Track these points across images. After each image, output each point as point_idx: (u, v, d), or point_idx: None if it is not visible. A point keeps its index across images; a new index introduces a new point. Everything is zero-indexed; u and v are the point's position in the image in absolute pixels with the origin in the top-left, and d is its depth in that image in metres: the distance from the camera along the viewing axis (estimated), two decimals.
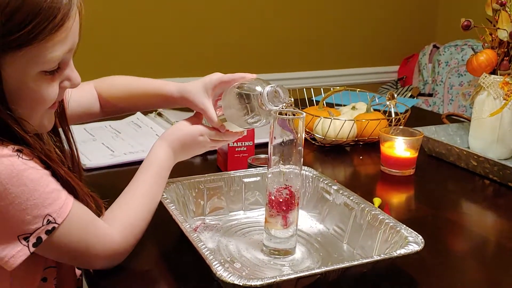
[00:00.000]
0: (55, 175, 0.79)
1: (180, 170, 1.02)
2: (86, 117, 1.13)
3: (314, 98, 1.80)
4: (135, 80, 1.12)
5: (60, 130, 0.91)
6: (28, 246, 0.75)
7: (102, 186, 0.98)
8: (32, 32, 0.71)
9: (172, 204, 0.95)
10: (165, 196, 0.98)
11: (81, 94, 1.09)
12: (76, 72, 0.82)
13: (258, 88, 0.93)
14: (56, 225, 0.76)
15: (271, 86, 0.90)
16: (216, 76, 1.01)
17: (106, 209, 0.89)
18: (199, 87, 1.02)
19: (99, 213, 0.87)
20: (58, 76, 0.79)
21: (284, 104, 0.90)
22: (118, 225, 0.86)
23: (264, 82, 0.94)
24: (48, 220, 0.75)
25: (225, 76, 1.01)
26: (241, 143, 1.26)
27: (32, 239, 0.75)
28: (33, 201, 0.73)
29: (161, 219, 0.98)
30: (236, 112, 0.95)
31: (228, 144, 1.25)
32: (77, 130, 1.53)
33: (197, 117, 1.03)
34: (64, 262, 0.89)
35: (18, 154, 0.74)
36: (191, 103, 1.02)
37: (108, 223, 0.85)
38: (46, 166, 0.78)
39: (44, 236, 0.75)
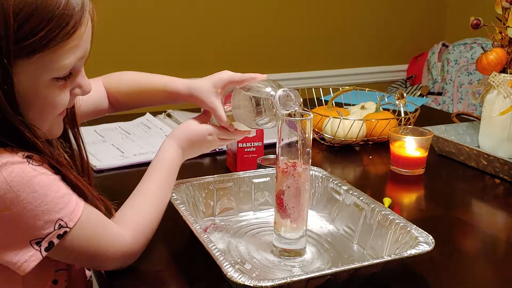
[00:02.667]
0: (65, 179, 0.79)
1: (190, 171, 1.03)
2: (96, 114, 1.14)
3: (323, 98, 1.80)
4: (143, 76, 1.12)
5: (70, 134, 0.92)
6: (40, 251, 0.75)
7: (112, 187, 0.99)
8: (45, 38, 0.71)
9: (182, 205, 0.95)
10: (175, 197, 0.98)
11: (90, 93, 1.10)
12: (87, 79, 0.82)
13: (269, 90, 0.92)
14: (67, 229, 0.76)
15: (283, 90, 0.89)
16: (226, 75, 1.01)
17: (116, 211, 0.89)
18: (208, 85, 1.01)
19: (109, 216, 0.87)
20: (69, 83, 0.79)
21: (296, 109, 0.89)
22: (129, 226, 0.86)
23: (275, 84, 0.94)
24: (60, 224, 0.76)
25: (235, 75, 1.00)
26: (250, 144, 1.26)
27: (44, 244, 0.75)
28: (44, 206, 0.74)
29: (172, 220, 0.98)
30: (245, 113, 0.95)
31: (237, 144, 1.25)
32: (87, 132, 1.54)
33: (206, 115, 1.03)
34: (76, 264, 0.90)
35: (28, 160, 0.74)
36: (200, 101, 1.02)
37: (118, 224, 0.86)
38: (56, 171, 0.79)
39: (56, 241, 0.76)
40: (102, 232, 0.83)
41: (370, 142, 1.54)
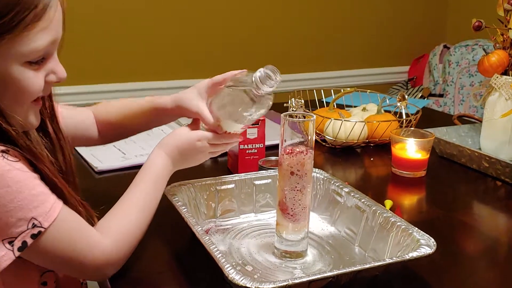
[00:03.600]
0: (45, 179, 0.78)
1: (192, 172, 1.03)
2: (84, 141, 1.13)
3: (324, 100, 1.80)
4: (129, 100, 1.11)
5: (50, 128, 0.90)
6: (13, 250, 0.73)
7: (113, 189, 0.98)
8: (13, 20, 0.72)
9: (184, 207, 0.95)
10: (177, 198, 0.98)
11: (77, 113, 1.10)
12: (61, 66, 0.82)
13: (249, 78, 0.93)
14: (42, 229, 0.74)
15: (260, 70, 0.91)
16: (208, 79, 1.02)
17: (99, 219, 0.87)
18: (192, 93, 1.02)
19: (91, 223, 0.84)
20: (42, 67, 0.79)
21: (278, 82, 0.92)
22: (111, 234, 0.83)
23: (253, 73, 0.95)
24: (34, 223, 0.73)
25: (216, 77, 1.01)
26: (252, 145, 1.26)
27: (17, 243, 0.73)
28: (17, 203, 0.72)
29: (173, 222, 0.98)
30: (231, 108, 0.96)
31: (239, 146, 1.25)
32: None
33: (195, 123, 1.02)
34: (53, 269, 0.86)
35: (3, 154, 0.73)
36: (186, 110, 1.01)
37: (100, 231, 0.83)
38: (35, 169, 0.77)
39: (29, 240, 0.74)
40: (80, 237, 0.80)
41: (372, 144, 1.54)
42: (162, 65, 2.39)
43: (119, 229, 0.85)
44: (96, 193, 1.19)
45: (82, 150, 1.41)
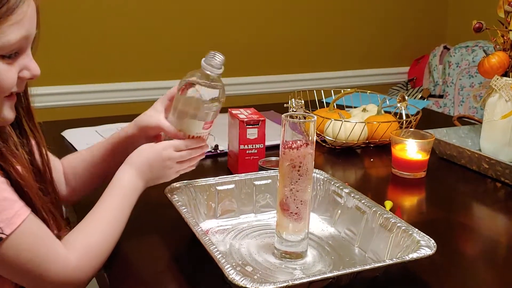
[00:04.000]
0: (15, 185, 0.76)
1: (192, 172, 1.03)
2: None
3: (324, 100, 1.80)
4: (89, 149, 1.09)
5: (27, 128, 0.90)
6: None
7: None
8: None
9: (183, 207, 0.95)
10: (177, 198, 0.98)
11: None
12: (35, 63, 0.82)
13: (195, 74, 0.97)
14: (3, 236, 0.72)
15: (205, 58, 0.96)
16: (162, 96, 1.03)
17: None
18: (150, 111, 1.02)
19: (59, 236, 0.83)
20: (16, 62, 0.79)
21: (222, 61, 0.98)
22: (76, 250, 0.82)
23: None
24: None
25: (168, 91, 1.03)
26: (252, 146, 1.26)
27: None
28: None
29: (173, 222, 0.98)
30: (186, 107, 0.97)
31: (239, 146, 1.25)
32: (88, 132, 1.55)
33: (157, 139, 1.02)
34: (14, 280, 0.82)
35: None
36: (147, 128, 1.01)
37: (66, 246, 0.81)
38: (6, 175, 0.76)
39: None
40: (45, 249, 0.78)
41: (372, 145, 1.54)
42: (160, 65, 2.39)
43: (84, 244, 0.83)
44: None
45: (77, 144, 1.41)
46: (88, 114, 2.07)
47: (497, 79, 1.34)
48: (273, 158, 1.21)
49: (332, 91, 1.77)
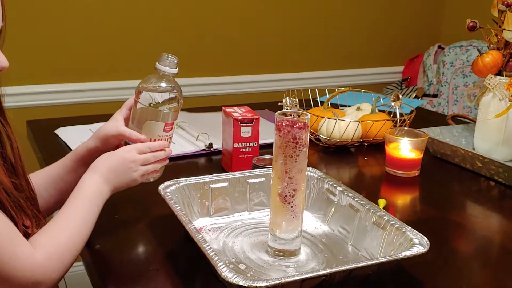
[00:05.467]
0: None
1: (185, 170, 1.03)
2: None
3: (318, 99, 1.80)
4: (48, 170, 1.07)
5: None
6: None
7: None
8: None
9: (177, 205, 0.95)
10: (170, 196, 0.98)
11: None
12: (3, 55, 0.81)
13: (149, 80, 1.01)
14: None
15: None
16: (121, 107, 1.04)
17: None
18: (109, 122, 1.02)
19: (26, 234, 0.82)
20: None
21: (176, 59, 1.01)
22: (43, 249, 0.81)
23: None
24: None
25: (126, 102, 1.05)
26: (246, 144, 1.26)
27: None
28: None
29: (166, 220, 0.98)
30: (143, 111, 0.99)
31: (233, 144, 1.25)
32: (82, 130, 1.54)
33: (118, 147, 1.02)
34: None
35: None
36: (108, 137, 1.01)
37: (33, 244, 0.80)
38: None
39: None
40: (10, 248, 0.76)
41: (366, 144, 1.54)
42: (155, 64, 2.39)
43: (51, 243, 0.82)
44: None
45: (70, 142, 1.41)
46: (82, 113, 2.06)
47: (491, 78, 1.34)
48: (267, 156, 1.21)
49: (326, 90, 1.77)
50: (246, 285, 0.72)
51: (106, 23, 2.25)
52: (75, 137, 1.48)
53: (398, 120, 1.53)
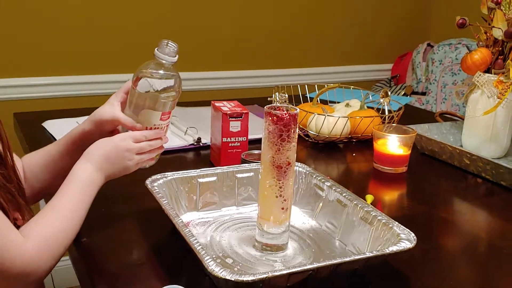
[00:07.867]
0: None
1: (173, 164, 1.02)
2: None
3: (308, 95, 1.80)
4: (45, 150, 1.06)
5: None
6: None
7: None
8: None
9: (164, 199, 0.94)
10: (157, 190, 0.97)
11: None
12: None
13: (148, 65, 0.97)
14: None
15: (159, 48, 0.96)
16: (118, 90, 1.02)
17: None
18: (105, 106, 1.01)
19: (17, 224, 0.81)
20: None
21: (176, 47, 0.96)
22: (34, 239, 0.80)
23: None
24: None
25: (123, 86, 1.02)
26: (235, 139, 1.26)
27: None
28: None
29: (153, 214, 0.98)
30: (141, 98, 0.97)
31: (222, 139, 1.24)
32: (69, 123, 1.53)
33: (113, 133, 1.01)
34: None
35: None
36: (103, 122, 1.00)
37: (23, 235, 0.80)
38: None
39: None
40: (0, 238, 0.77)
41: (354, 140, 1.55)
42: (143, 58, 2.37)
43: (42, 234, 0.82)
44: None
45: (57, 135, 1.40)
46: (70, 106, 2.05)
47: (480, 75, 1.35)
48: (256, 151, 1.20)
49: (316, 86, 1.77)
50: (233, 279, 0.72)
51: (95, 17, 2.23)
52: (63, 130, 1.46)
53: (387, 117, 1.53)
